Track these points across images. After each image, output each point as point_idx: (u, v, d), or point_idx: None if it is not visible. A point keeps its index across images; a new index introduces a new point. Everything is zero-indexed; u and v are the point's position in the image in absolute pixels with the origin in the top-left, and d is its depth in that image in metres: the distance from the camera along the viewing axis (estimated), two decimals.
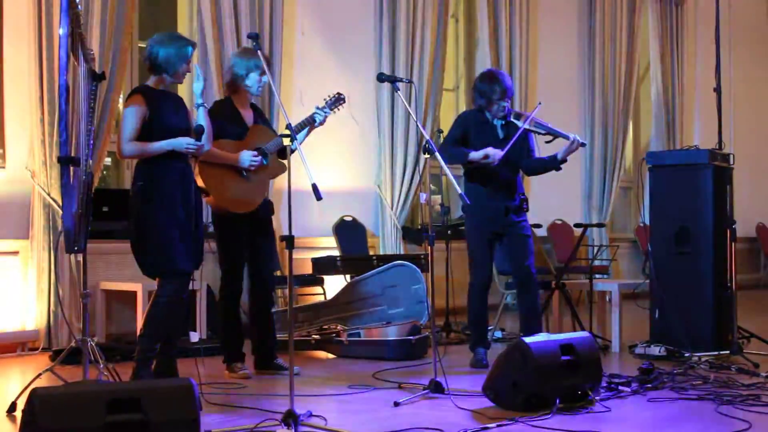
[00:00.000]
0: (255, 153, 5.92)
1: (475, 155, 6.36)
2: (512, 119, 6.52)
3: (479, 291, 6.55)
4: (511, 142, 6.37)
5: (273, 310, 6.30)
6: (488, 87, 6.48)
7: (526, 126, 6.44)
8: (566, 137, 6.50)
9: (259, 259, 6.11)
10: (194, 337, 6.76)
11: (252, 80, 6.01)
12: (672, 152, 8.79)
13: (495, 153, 6.33)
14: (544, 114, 6.68)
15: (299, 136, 5.93)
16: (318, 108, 6.13)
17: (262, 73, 5.96)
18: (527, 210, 6.61)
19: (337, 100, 6.23)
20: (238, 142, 5.96)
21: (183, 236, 5.32)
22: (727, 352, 6.62)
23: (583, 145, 6.55)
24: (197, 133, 5.41)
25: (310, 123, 6.08)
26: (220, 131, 5.88)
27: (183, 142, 5.32)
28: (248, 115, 6.10)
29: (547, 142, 6.63)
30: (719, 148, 7.25)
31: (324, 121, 6.13)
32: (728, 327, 6.89)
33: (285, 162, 4.70)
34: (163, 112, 5.35)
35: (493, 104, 6.47)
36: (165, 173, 5.32)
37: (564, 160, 6.61)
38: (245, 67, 6.00)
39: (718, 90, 7.43)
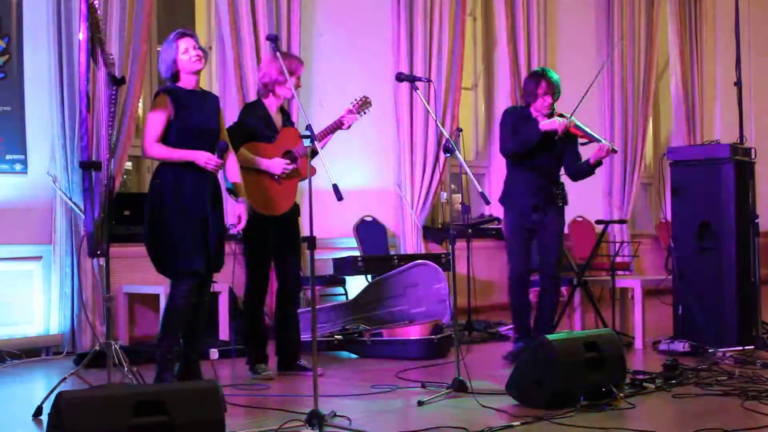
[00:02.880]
0: (287, 161, 5.95)
1: (544, 125, 6.45)
2: (555, 118, 6.53)
3: (516, 283, 6.61)
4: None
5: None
6: (535, 81, 6.63)
7: (571, 120, 6.50)
8: (598, 141, 6.55)
9: (287, 260, 6.13)
10: (214, 355, 6.72)
11: (286, 87, 6.02)
12: (693, 147, 8.76)
13: (561, 123, 6.42)
14: (565, 109, 6.67)
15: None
16: (347, 111, 6.20)
17: (295, 81, 6.06)
18: (564, 204, 6.68)
19: (364, 104, 6.27)
20: (268, 145, 6.01)
21: (197, 237, 5.34)
22: (752, 347, 6.59)
23: (614, 151, 6.59)
24: (220, 150, 5.43)
25: (338, 127, 6.16)
26: (251, 133, 5.94)
27: (202, 158, 5.33)
28: (278, 119, 6.15)
29: (583, 144, 6.65)
30: (740, 142, 7.22)
31: (351, 124, 6.19)
32: (752, 322, 6.86)
33: (313, 165, 4.72)
34: (189, 112, 5.37)
35: (538, 98, 6.56)
36: (182, 174, 5.34)
37: (598, 164, 6.66)
38: (280, 71, 6.02)
39: (738, 84, 7.40)
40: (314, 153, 4.82)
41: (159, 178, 5.40)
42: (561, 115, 6.56)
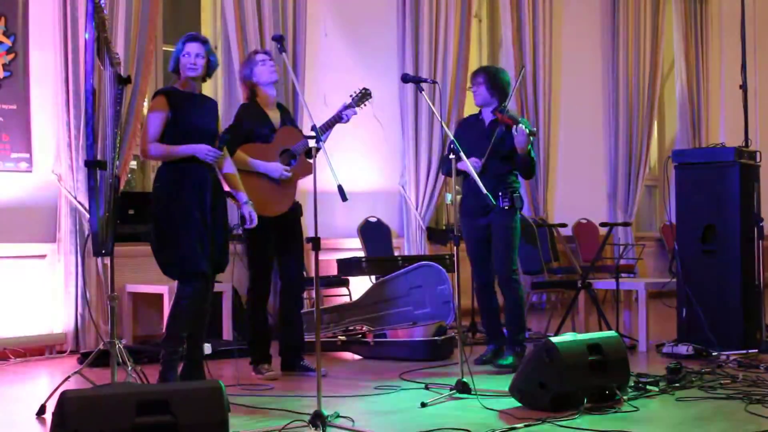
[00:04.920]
0: (285, 168, 5.94)
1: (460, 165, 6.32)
2: (498, 112, 6.36)
3: (479, 291, 6.60)
4: (490, 147, 6.28)
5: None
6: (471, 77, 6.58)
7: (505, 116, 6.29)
8: (517, 124, 6.24)
9: (289, 261, 6.12)
10: (207, 349, 6.67)
11: (258, 71, 6.01)
12: (698, 150, 8.76)
13: (473, 165, 6.17)
14: (570, 115, 6.64)
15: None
16: (345, 105, 6.15)
17: (262, 58, 6.03)
18: (510, 207, 6.33)
19: (363, 96, 6.23)
20: (265, 145, 5.98)
21: (201, 238, 5.34)
22: (756, 350, 6.59)
23: (532, 133, 6.22)
24: (220, 141, 5.44)
25: (337, 121, 6.12)
26: (248, 134, 5.92)
27: (203, 150, 5.34)
28: (275, 116, 6.12)
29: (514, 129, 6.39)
30: (746, 145, 7.21)
31: (350, 118, 6.15)
32: (756, 325, 6.86)
33: (311, 162, 4.72)
34: (186, 113, 5.38)
35: (472, 90, 6.48)
36: (183, 176, 5.35)
37: (524, 151, 6.27)
38: (247, 65, 6.04)
39: (744, 87, 7.40)
40: (311, 150, 4.80)
41: (160, 180, 5.42)
42: (503, 109, 6.34)
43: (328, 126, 6.11)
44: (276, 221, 5.99)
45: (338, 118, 6.12)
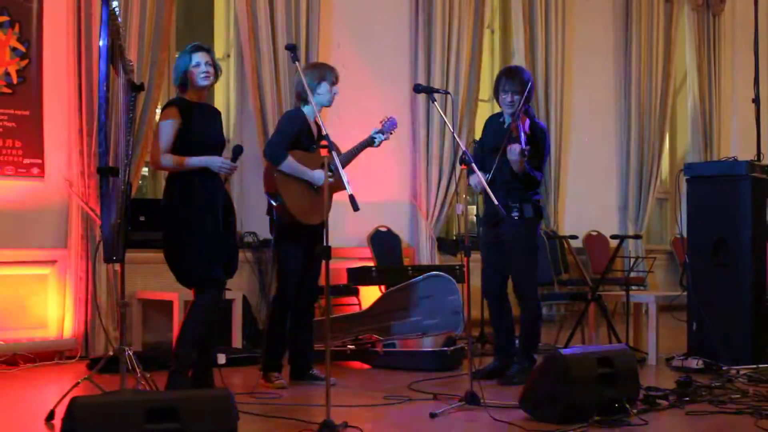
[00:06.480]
0: (329, 173, 5.98)
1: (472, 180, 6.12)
2: (514, 120, 6.15)
3: (487, 300, 6.48)
4: (499, 156, 6.10)
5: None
6: (497, 79, 6.39)
7: (524, 129, 6.08)
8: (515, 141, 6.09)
9: (309, 270, 6.13)
10: (221, 359, 6.66)
11: (323, 89, 6.06)
12: (710, 163, 8.75)
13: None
14: (581, 127, 6.62)
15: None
16: (376, 132, 6.32)
17: (334, 83, 6.09)
18: (520, 217, 6.15)
19: (393, 124, 6.40)
20: (309, 154, 6.03)
21: (214, 245, 5.35)
22: (766, 365, 6.56)
23: (523, 154, 5.97)
24: (235, 153, 5.45)
25: (369, 145, 6.32)
26: (297, 141, 5.96)
27: (217, 162, 5.36)
28: (314, 129, 6.17)
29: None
30: (758, 159, 7.20)
31: (381, 142, 6.36)
32: (767, 340, 6.83)
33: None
34: (197, 124, 5.40)
35: (499, 96, 6.33)
36: (194, 184, 5.36)
37: (520, 170, 6.11)
38: (317, 77, 6.04)
39: (756, 100, 7.39)
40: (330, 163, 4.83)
41: (172, 190, 5.43)
42: (526, 114, 6.22)
43: (359, 150, 6.30)
44: (307, 230, 6.01)
45: (370, 143, 6.32)
